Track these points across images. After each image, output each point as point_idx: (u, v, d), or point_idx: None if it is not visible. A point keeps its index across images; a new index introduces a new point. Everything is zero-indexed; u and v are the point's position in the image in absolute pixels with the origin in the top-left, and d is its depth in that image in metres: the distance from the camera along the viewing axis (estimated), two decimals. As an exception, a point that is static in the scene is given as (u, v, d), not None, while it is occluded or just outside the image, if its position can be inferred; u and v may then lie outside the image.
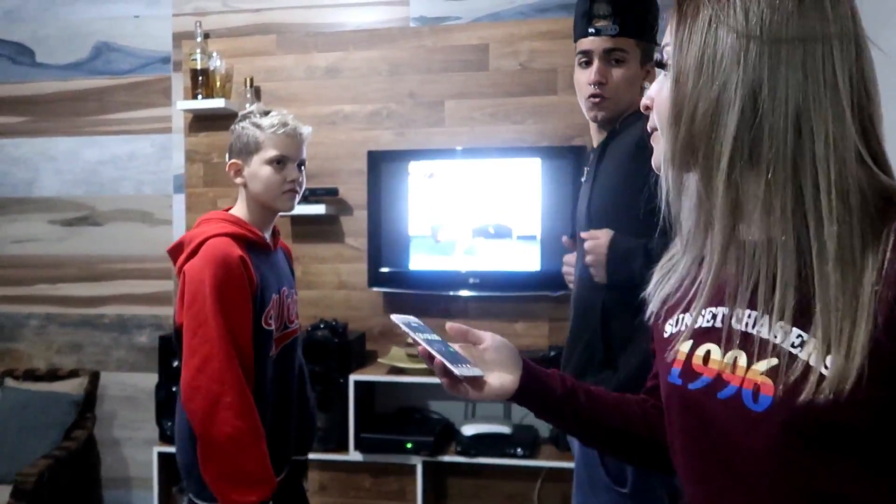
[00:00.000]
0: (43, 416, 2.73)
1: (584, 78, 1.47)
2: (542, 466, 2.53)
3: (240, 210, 1.63)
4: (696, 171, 0.67)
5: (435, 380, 2.49)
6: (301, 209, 2.74)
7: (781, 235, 0.62)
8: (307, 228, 2.86)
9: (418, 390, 2.73)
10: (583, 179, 1.53)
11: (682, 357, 0.74)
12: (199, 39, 2.83)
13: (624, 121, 1.45)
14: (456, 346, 0.89)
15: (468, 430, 2.52)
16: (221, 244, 1.50)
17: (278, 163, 1.59)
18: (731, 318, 0.67)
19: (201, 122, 2.93)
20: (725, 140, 0.63)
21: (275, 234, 1.70)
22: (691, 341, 0.73)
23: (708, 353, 0.71)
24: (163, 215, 3.00)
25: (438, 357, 0.84)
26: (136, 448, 3.01)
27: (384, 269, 2.70)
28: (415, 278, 2.69)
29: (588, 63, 1.47)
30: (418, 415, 2.72)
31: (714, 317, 0.71)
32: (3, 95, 3.10)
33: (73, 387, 2.84)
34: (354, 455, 2.53)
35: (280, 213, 1.66)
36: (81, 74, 3.05)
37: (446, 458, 2.52)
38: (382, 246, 2.70)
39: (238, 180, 1.62)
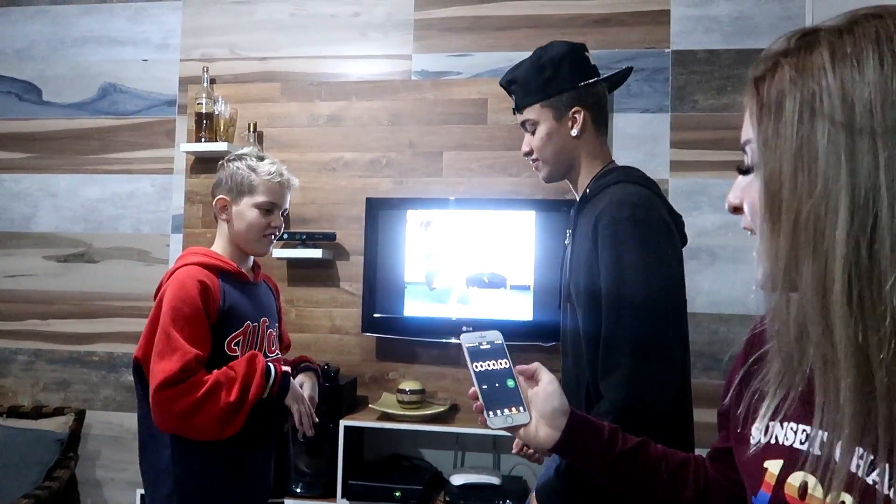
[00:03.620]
0: (25, 454, 2.68)
1: None
2: (531, 518, 2.50)
3: (218, 246, 1.71)
4: (803, 291, 0.55)
5: (426, 427, 2.51)
6: (298, 252, 2.78)
7: None
8: (303, 272, 2.88)
9: (409, 437, 2.72)
10: (566, 242, 1.53)
11: (771, 479, 0.63)
12: (205, 84, 2.90)
13: (596, 180, 1.44)
14: (520, 380, 0.87)
15: (457, 479, 2.51)
16: (186, 271, 1.57)
17: (267, 209, 1.68)
18: (835, 449, 0.55)
19: (203, 164, 2.98)
20: (834, 256, 0.52)
21: (255, 267, 1.78)
22: (781, 461, 0.62)
23: (805, 485, 0.59)
24: (159, 254, 3.02)
25: (479, 402, 0.83)
26: (118, 489, 2.96)
27: (378, 315, 2.72)
28: (408, 325, 2.71)
29: None
30: (407, 463, 2.70)
31: (809, 438, 0.60)
32: (8, 131, 3.14)
33: (57, 425, 2.81)
34: (342, 503, 2.50)
35: (267, 256, 1.75)
36: (87, 114, 3.11)
37: (434, 508, 2.50)
38: (377, 291, 2.73)
39: (223, 216, 1.69)
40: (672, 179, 2.71)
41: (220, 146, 2.84)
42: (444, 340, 2.68)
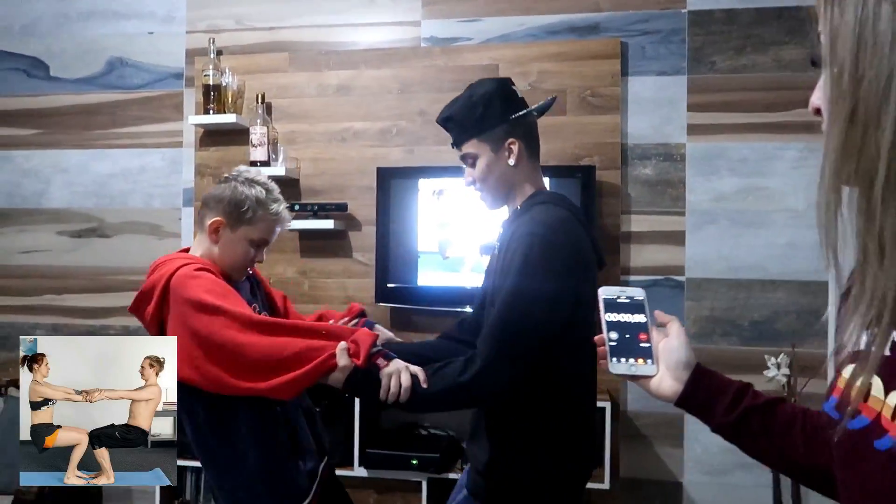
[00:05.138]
0: (46, 427, 2.71)
1: None
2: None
3: (197, 253, 1.63)
4: (854, 184, 0.54)
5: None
6: (310, 224, 2.76)
7: None
8: (315, 243, 2.87)
9: (424, 407, 2.72)
10: (494, 252, 1.63)
11: (841, 384, 0.63)
12: (212, 56, 2.87)
13: (527, 200, 1.56)
14: (654, 334, 0.91)
15: (474, 447, 2.51)
16: (186, 269, 1.50)
17: (258, 245, 1.62)
18: (876, 339, 0.55)
19: (212, 136, 2.95)
20: (884, 144, 0.51)
21: None
22: (853, 365, 0.61)
23: (869, 387, 0.59)
24: (171, 228, 3.01)
25: (602, 347, 0.89)
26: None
27: (392, 285, 2.71)
28: (422, 294, 2.70)
29: None
30: (424, 431, 2.71)
31: (868, 336, 0.58)
32: (17, 108, 3.13)
33: (76, 398, 2.83)
34: (359, 471, 2.51)
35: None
36: (94, 88, 3.08)
37: (452, 476, 2.50)
38: (390, 262, 2.71)
39: (212, 237, 1.59)
40: (689, 143, 2.66)
41: (229, 118, 2.81)
42: (458, 309, 2.66)
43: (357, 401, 2.50)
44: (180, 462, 1.70)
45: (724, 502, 2.58)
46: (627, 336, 0.89)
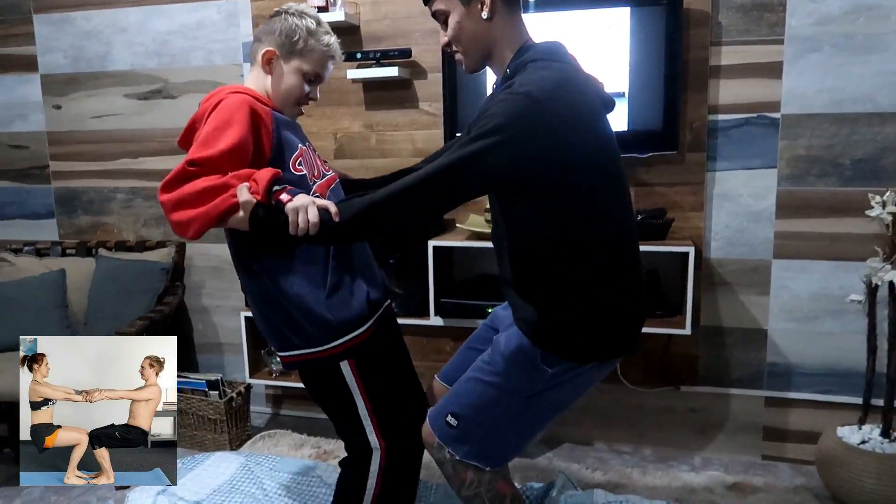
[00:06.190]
0: (136, 283, 2.85)
1: None
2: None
3: (251, 86, 1.61)
4: None
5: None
6: (372, 72, 2.63)
7: None
8: (379, 94, 2.76)
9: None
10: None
11: None
12: None
13: (514, 60, 1.42)
14: None
15: (549, 296, 2.48)
16: (235, 98, 1.48)
17: (311, 79, 1.60)
18: None
19: (267, -16, 2.80)
20: None
21: None
22: None
23: None
24: (235, 86, 2.95)
25: None
26: (225, 315, 3.14)
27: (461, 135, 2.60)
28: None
29: None
30: (497, 281, 2.69)
31: None
32: (70, -35, 3.04)
33: (161, 256, 2.94)
34: (435, 320, 2.54)
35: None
36: (144, -60, 2.94)
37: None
38: (459, 110, 2.58)
39: (265, 68, 1.59)
40: (793, -42, 2.33)
41: (283, -40, 2.64)
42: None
43: (431, 251, 2.49)
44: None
45: (810, 349, 2.50)
46: None
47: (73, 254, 3.10)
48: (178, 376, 2.82)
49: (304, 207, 1.34)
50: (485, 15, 1.41)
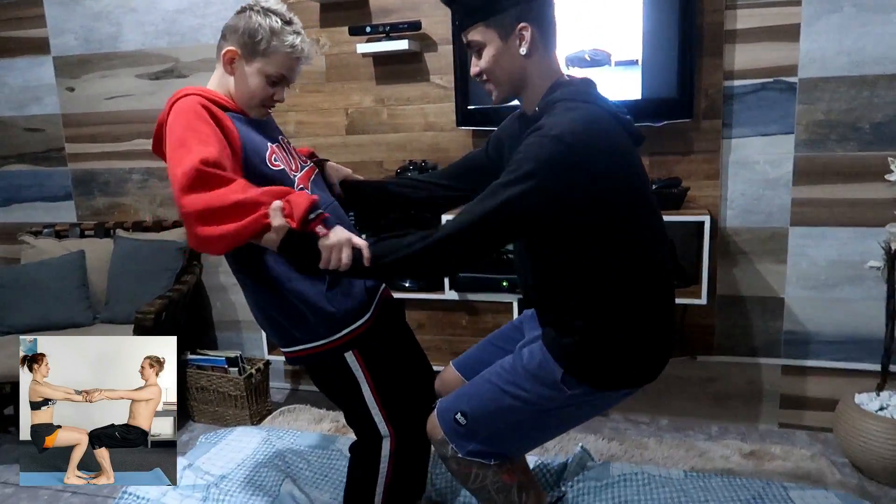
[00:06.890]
0: (154, 262, 2.88)
1: None
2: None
3: (212, 86, 1.53)
4: None
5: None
6: (382, 46, 2.61)
7: None
8: (389, 68, 2.74)
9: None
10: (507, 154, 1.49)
11: None
12: None
13: (546, 97, 1.39)
14: None
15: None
16: (185, 101, 1.41)
17: (275, 81, 1.49)
18: None
19: (274, -41, 2.77)
20: None
21: None
22: None
23: None
24: (245, 63, 2.94)
25: None
26: (243, 293, 3.16)
27: (473, 107, 2.58)
28: (506, 114, 2.55)
29: None
30: (513, 255, 2.69)
31: None
32: (77, -55, 3.03)
33: (178, 235, 2.97)
34: (451, 294, 2.55)
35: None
36: (149, -84, 2.92)
37: (542, 296, 2.50)
38: (471, 82, 2.56)
39: (227, 68, 1.49)
40: (811, -84, 2.26)
41: (289, -66, 2.61)
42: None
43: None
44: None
45: (827, 316, 2.48)
46: None
47: (92, 235, 3.14)
48: (199, 353, 2.87)
49: (339, 247, 1.33)
50: (523, 51, 1.37)
